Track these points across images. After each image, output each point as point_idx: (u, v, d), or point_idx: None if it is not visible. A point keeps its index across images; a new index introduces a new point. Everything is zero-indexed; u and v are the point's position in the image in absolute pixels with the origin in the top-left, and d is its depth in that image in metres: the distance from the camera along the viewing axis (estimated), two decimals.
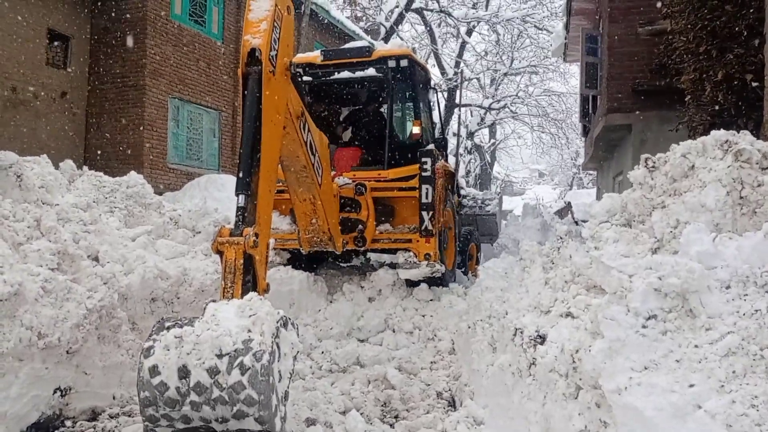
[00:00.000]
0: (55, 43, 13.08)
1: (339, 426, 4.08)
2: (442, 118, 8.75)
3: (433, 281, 7.07)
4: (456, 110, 26.39)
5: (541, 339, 3.43)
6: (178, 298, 5.59)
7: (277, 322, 3.35)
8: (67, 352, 3.97)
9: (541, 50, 30.10)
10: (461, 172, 26.67)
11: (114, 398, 4.33)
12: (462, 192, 10.12)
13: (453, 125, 27.25)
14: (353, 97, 8.31)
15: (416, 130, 7.32)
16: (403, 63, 7.22)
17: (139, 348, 4.63)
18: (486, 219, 10.70)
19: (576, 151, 39.79)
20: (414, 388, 5.13)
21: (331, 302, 6.91)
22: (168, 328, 3.35)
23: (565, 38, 14.50)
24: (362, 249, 7.01)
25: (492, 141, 40.17)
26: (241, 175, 4.09)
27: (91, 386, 4.16)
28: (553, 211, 19.69)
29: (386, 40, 23.43)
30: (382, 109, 8.06)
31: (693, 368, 2.46)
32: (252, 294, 3.53)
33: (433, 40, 28.14)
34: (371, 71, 7.33)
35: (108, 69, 13.49)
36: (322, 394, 4.71)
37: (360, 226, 6.87)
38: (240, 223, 3.90)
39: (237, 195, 4.01)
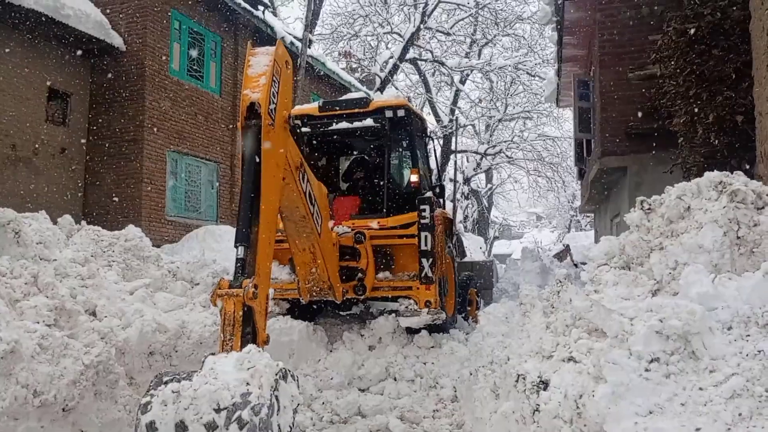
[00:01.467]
0: (55, 101, 13.26)
1: None
2: (439, 165, 8.89)
3: (434, 328, 7.00)
4: (452, 156, 26.63)
5: (544, 385, 3.38)
6: (177, 351, 5.52)
7: (276, 375, 3.31)
8: (63, 409, 3.90)
9: (534, 96, 30.53)
10: (459, 217, 26.76)
11: None
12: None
13: (450, 171, 27.46)
14: (351, 146, 8.41)
15: (414, 178, 7.36)
16: (400, 113, 7.32)
17: (136, 403, 4.56)
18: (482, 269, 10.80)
19: (573, 194, 39.96)
20: None
21: (331, 351, 6.83)
22: (166, 383, 3.30)
23: (557, 84, 14.73)
24: (362, 297, 6.97)
25: (489, 186, 40.40)
26: (240, 225, 4.10)
27: None
28: (552, 254, 19.68)
29: (382, 90, 23.80)
30: (380, 158, 8.12)
31: (698, 411, 2.43)
32: (251, 346, 3.50)
33: (428, 89, 28.57)
34: (369, 121, 7.40)
35: (107, 124, 13.65)
36: None
37: (359, 275, 6.85)
38: (239, 274, 3.89)
39: (236, 246, 4.01)
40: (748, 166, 5.48)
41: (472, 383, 5.24)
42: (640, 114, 8.89)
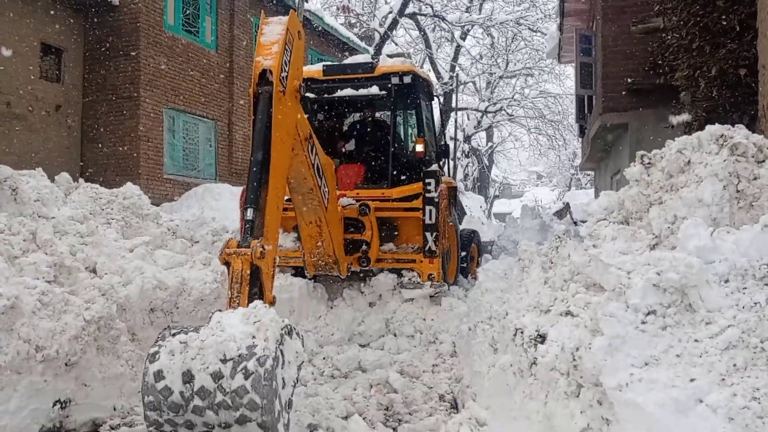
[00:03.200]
0: (49, 57, 13.08)
1: (342, 431, 4.06)
2: (439, 124, 8.78)
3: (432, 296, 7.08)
4: (452, 114, 26.43)
5: (542, 338, 3.42)
6: (177, 308, 5.56)
7: (282, 330, 3.37)
8: (66, 364, 3.94)
9: (535, 52, 30.19)
10: (459, 176, 26.71)
11: (114, 409, 4.30)
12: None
13: (450, 129, 27.29)
14: (356, 111, 8.31)
15: (420, 148, 7.23)
16: (407, 79, 7.19)
17: (138, 359, 4.62)
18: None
19: (573, 152, 39.83)
20: (416, 392, 5.12)
21: (331, 308, 6.90)
22: (174, 335, 3.38)
23: (559, 39, 14.52)
24: (366, 269, 6.98)
25: (489, 144, 40.24)
26: (250, 189, 4.16)
27: (91, 398, 4.13)
28: (552, 212, 19.70)
29: (380, 45, 23.49)
30: (385, 125, 8.02)
31: (693, 363, 2.45)
32: (257, 302, 3.56)
33: (428, 45, 28.20)
34: (374, 87, 7.31)
35: (102, 81, 13.48)
36: (324, 400, 4.68)
37: (364, 246, 6.86)
38: (248, 235, 3.96)
39: (245, 208, 4.08)
40: (749, 122, 5.43)
41: (471, 338, 5.30)
42: (642, 69, 8.77)
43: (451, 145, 27.08)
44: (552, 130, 34.14)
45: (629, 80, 9.14)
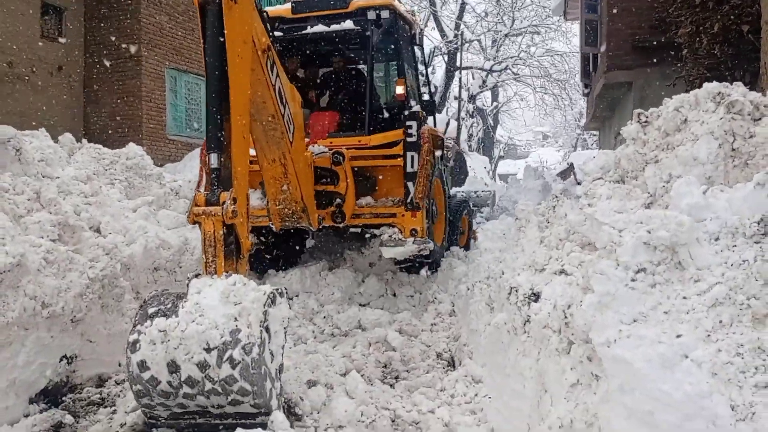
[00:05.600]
0: (50, 16, 12.97)
1: (339, 387, 4.17)
2: (428, 76, 8.06)
3: (419, 264, 6.62)
4: (457, 73, 26.15)
5: (536, 296, 3.47)
6: (181, 267, 5.65)
7: (264, 305, 3.25)
8: (72, 320, 4.05)
9: (542, 9, 29.70)
10: (463, 136, 26.55)
11: (120, 365, 4.41)
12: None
13: (454, 89, 27.04)
14: (329, 55, 7.49)
15: (400, 90, 6.53)
16: (384, 14, 6.50)
17: None
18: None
19: (579, 111, 39.48)
20: (414, 350, 5.22)
21: (332, 269, 6.96)
22: (151, 317, 3.25)
23: None
24: (341, 225, 6.37)
25: (494, 104, 39.89)
26: (210, 129, 3.73)
27: (96, 354, 4.26)
28: (556, 172, 19.64)
29: None
30: (361, 68, 7.36)
31: (681, 319, 2.50)
32: (235, 277, 3.38)
33: (432, 2, 27.76)
34: (349, 24, 6.60)
35: (103, 41, 13.41)
36: (323, 357, 4.79)
37: (338, 200, 6.22)
38: (215, 186, 3.60)
39: (208, 153, 3.68)
40: (750, 80, 5.39)
41: (469, 298, 5.37)
42: (648, 26, 8.65)
43: (454, 104, 26.93)
44: (558, 90, 33.77)
45: (635, 37, 9.02)
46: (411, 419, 3.92)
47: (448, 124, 21.55)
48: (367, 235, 6.83)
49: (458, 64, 25.69)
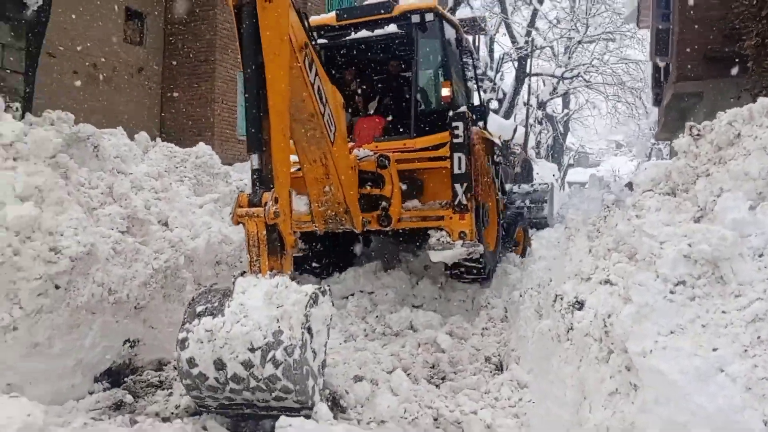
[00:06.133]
0: (132, 21, 13.65)
1: (384, 383, 4.27)
2: (478, 81, 7.83)
3: (470, 270, 6.44)
4: (526, 80, 25.89)
5: (580, 305, 3.48)
6: (241, 262, 5.87)
7: (306, 306, 3.35)
8: (135, 307, 4.31)
9: (617, 16, 29.08)
10: (530, 143, 26.24)
11: None
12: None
13: (523, 95, 26.77)
14: (375, 61, 7.46)
15: (446, 92, 6.45)
16: (429, 17, 6.41)
17: None
18: (537, 222, 9.96)
19: (654, 120, 38.31)
20: (463, 353, 5.27)
21: (387, 270, 7.07)
22: (199, 315, 3.39)
23: (638, 3, 13.98)
24: (387, 229, 6.22)
25: (565, 111, 39.22)
26: (250, 129, 3.75)
27: (157, 340, 4.51)
28: (624, 182, 19.16)
29: (454, 10, 23.16)
30: (407, 72, 7.18)
31: (718, 333, 2.49)
32: (278, 279, 3.47)
33: (504, 9, 27.60)
34: (392, 28, 6.53)
35: (181, 45, 14.01)
36: (371, 355, 4.90)
37: (384, 203, 6.11)
38: (257, 187, 3.65)
39: (249, 154, 3.73)
40: None
41: (520, 304, 5.39)
42: (720, 36, 8.40)
43: (524, 111, 26.67)
44: (632, 98, 32.94)
45: (707, 47, 8.78)
46: (453, 419, 3.98)
47: (515, 130, 21.35)
48: (417, 244, 6.76)
49: (528, 70, 25.47)
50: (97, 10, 12.51)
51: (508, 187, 9.26)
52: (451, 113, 6.14)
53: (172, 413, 3.73)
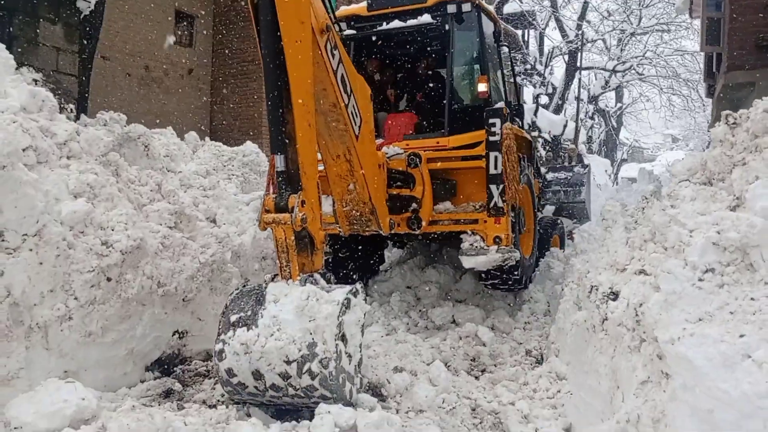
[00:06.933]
0: (182, 23, 14.05)
1: (423, 374, 4.34)
2: (516, 78, 7.43)
3: (505, 278, 6.06)
4: (577, 74, 25.45)
5: (614, 295, 3.48)
6: None
7: (338, 316, 3.38)
8: (183, 300, 4.49)
9: (672, 6, 28.24)
10: (581, 138, 25.79)
11: None
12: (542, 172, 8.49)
13: (574, 90, 26.32)
14: (407, 54, 7.02)
15: (482, 87, 5.96)
16: (466, 8, 6.02)
17: None
18: (575, 206, 9.71)
19: (711, 113, 37.12)
20: (504, 346, 5.31)
21: (430, 266, 7.12)
22: (233, 326, 3.45)
23: None
24: (417, 232, 5.83)
25: (618, 105, 38.35)
26: (273, 129, 3.59)
27: (204, 331, 4.69)
28: None
29: (501, 6, 22.96)
30: (441, 66, 6.77)
31: (746, 320, 2.48)
32: (308, 289, 3.45)
33: (553, 3, 27.18)
34: (427, 19, 6.11)
35: (229, 46, 14.34)
36: (412, 347, 4.99)
37: (414, 205, 5.72)
38: (283, 190, 3.55)
39: (273, 155, 3.60)
40: None
41: (560, 297, 5.38)
42: None
43: (574, 105, 26.19)
44: (687, 90, 31.98)
45: (759, 35, 8.52)
46: (491, 409, 4.04)
47: (565, 125, 21.04)
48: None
49: (579, 64, 25.02)
50: (149, 14, 12.92)
51: (543, 170, 8.76)
52: (487, 110, 5.80)
53: (218, 401, 3.89)
